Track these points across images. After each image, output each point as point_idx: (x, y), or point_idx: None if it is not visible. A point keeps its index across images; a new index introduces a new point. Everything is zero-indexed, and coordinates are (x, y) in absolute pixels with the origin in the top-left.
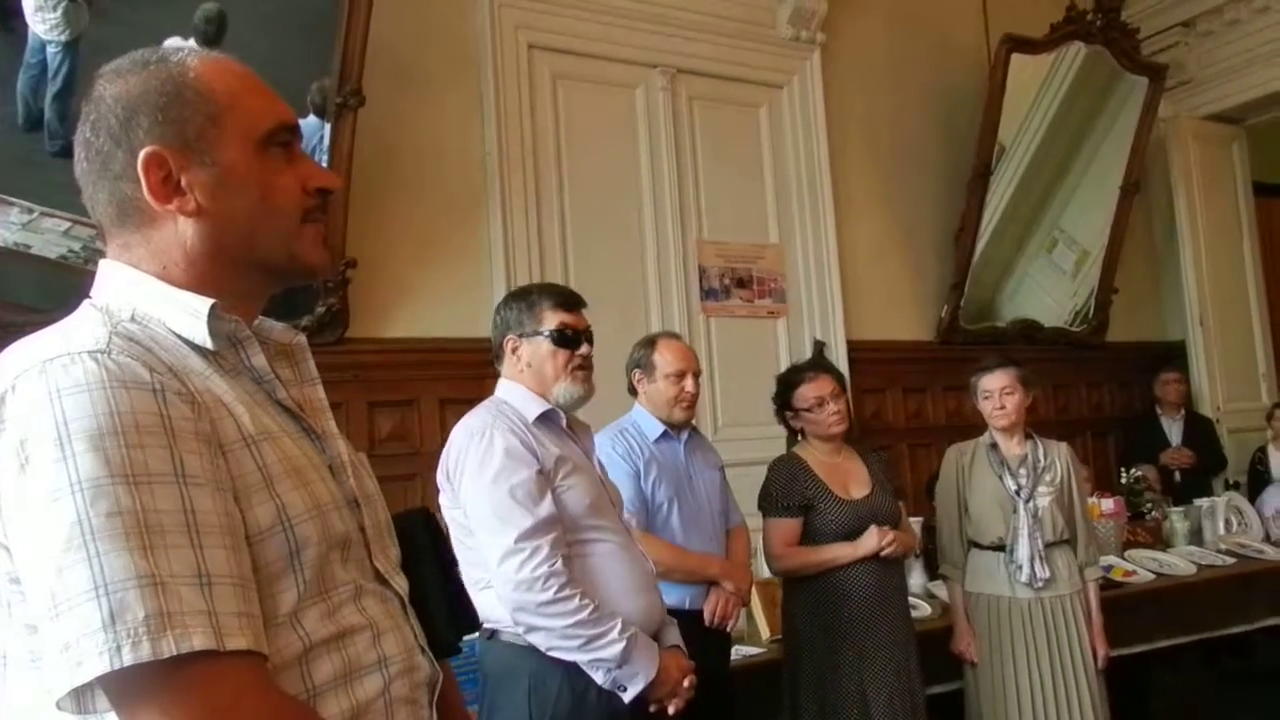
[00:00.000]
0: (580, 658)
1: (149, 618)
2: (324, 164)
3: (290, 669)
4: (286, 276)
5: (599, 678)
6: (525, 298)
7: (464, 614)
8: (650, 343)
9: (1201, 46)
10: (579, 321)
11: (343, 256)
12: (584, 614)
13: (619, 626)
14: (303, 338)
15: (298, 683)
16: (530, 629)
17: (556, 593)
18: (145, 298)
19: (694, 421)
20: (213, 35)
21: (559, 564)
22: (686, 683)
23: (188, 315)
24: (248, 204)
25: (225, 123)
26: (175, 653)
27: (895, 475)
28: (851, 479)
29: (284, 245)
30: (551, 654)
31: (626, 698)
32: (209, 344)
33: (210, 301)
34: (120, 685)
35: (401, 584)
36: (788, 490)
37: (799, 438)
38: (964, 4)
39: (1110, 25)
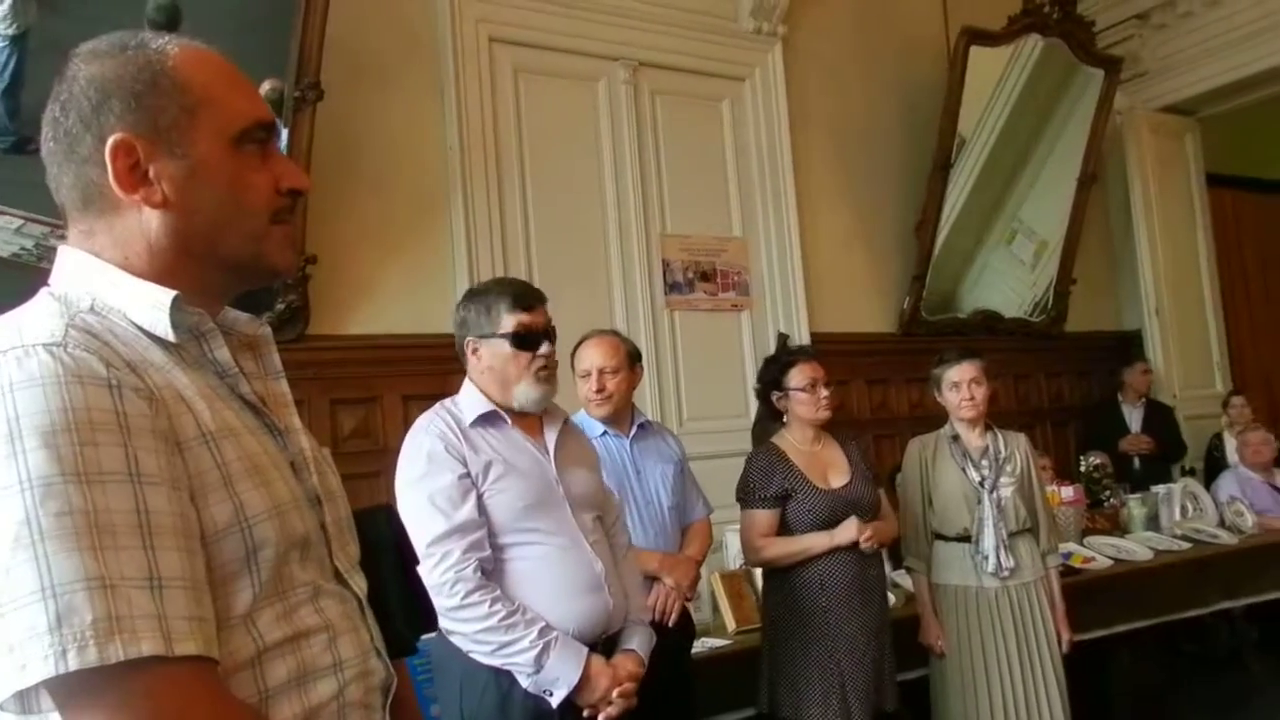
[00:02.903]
0: (495, 662)
1: (97, 621)
2: None
3: (243, 671)
4: (251, 276)
5: (523, 681)
6: (482, 298)
7: (423, 613)
8: (578, 344)
9: (1155, 39)
10: (537, 320)
11: (302, 253)
12: (493, 620)
13: (534, 633)
14: (268, 329)
15: (251, 685)
16: (448, 632)
17: (464, 598)
18: (106, 287)
19: (649, 415)
20: (165, 27)
21: (469, 569)
22: (616, 692)
23: (150, 307)
24: (215, 199)
25: (200, 115)
26: (122, 658)
27: (875, 463)
28: (830, 468)
29: (251, 244)
30: (471, 656)
31: (553, 702)
32: (171, 336)
33: (173, 293)
34: (65, 689)
35: (360, 584)
36: (765, 481)
37: (782, 420)
38: None
39: (1067, 18)
